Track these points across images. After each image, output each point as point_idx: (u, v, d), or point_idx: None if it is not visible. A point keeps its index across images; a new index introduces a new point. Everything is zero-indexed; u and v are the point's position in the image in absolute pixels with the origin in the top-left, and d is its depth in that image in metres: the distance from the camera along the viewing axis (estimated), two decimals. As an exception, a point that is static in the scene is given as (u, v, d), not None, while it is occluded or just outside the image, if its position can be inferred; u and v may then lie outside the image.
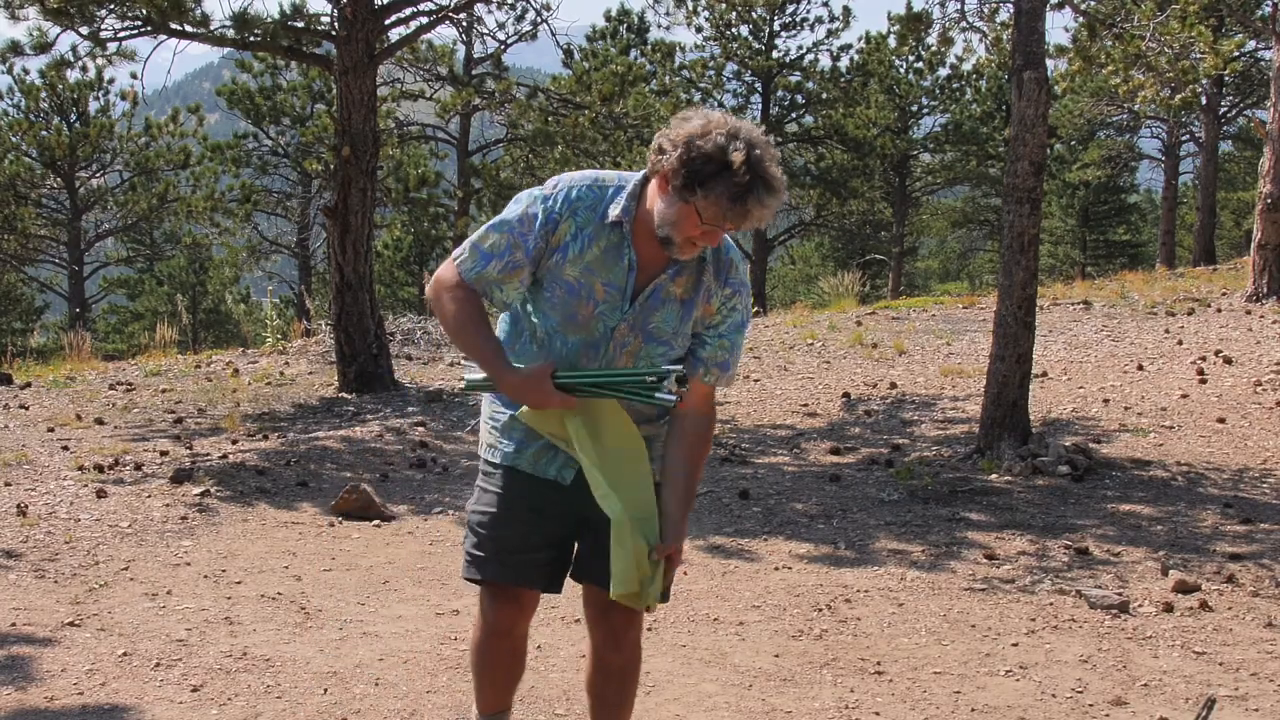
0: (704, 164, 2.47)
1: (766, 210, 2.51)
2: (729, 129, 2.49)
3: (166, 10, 8.96)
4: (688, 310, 2.72)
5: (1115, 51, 9.68)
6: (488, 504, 2.81)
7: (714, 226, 2.54)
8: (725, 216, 2.50)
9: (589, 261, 2.66)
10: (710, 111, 2.58)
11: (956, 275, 40.61)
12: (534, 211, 2.67)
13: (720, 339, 2.76)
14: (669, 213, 2.55)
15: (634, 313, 2.69)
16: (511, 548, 2.77)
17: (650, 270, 2.69)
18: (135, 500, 6.17)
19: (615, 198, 2.66)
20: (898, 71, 29.82)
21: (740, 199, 2.47)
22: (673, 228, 2.56)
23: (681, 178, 2.49)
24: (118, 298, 33.08)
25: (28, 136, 24.67)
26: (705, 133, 2.49)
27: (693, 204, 2.50)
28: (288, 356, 11.62)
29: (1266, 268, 12.69)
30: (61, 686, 3.84)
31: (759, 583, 4.98)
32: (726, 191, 2.47)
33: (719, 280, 2.73)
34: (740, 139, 2.48)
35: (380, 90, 13.13)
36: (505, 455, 2.79)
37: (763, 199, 2.48)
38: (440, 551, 5.53)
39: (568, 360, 2.70)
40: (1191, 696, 3.77)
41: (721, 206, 2.48)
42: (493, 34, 16.83)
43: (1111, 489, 6.41)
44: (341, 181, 9.60)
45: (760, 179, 2.47)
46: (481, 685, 2.97)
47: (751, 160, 2.46)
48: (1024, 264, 6.90)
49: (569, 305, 2.68)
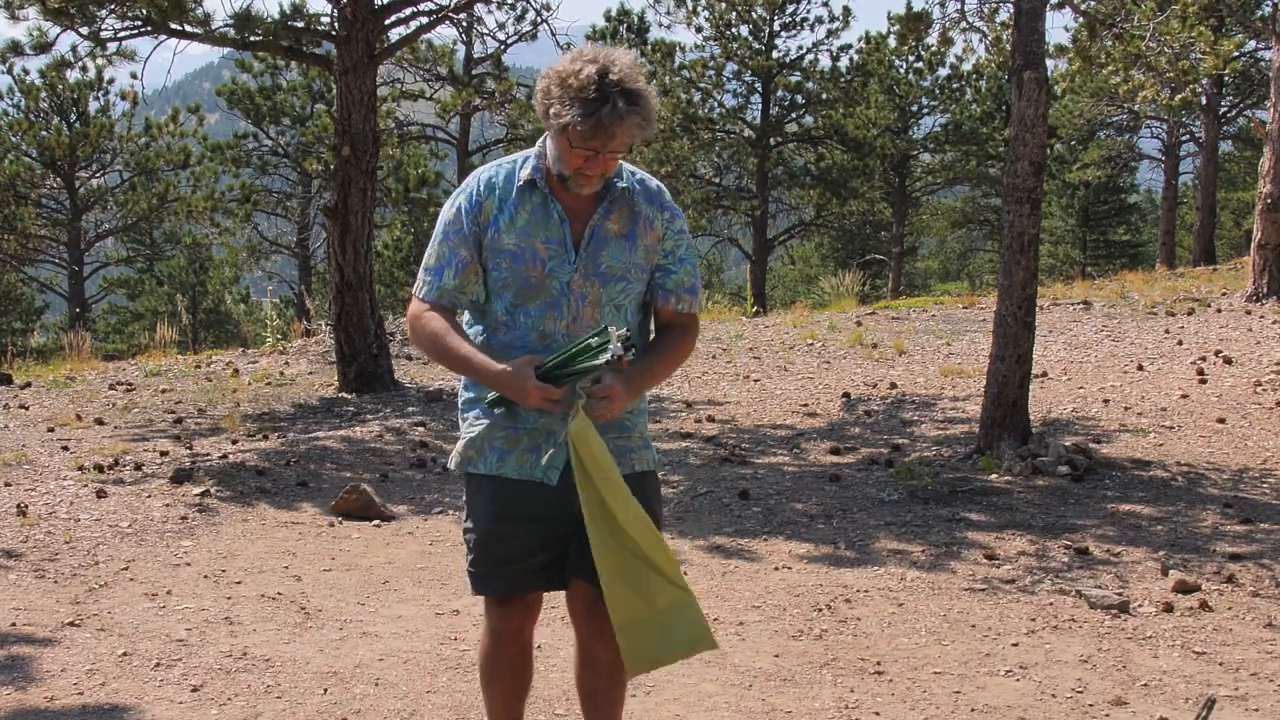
0: (560, 91, 2.58)
1: (625, 122, 2.56)
2: (587, 54, 2.59)
3: (167, 10, 8.96)
4: (632, 242, 2.79)
5: (1115, 51, 9.68)
6: (481, 519, 2.82)
7: (586, 149, 2.60)
8: (590, 135, 2.56)
9: (521, 226, 2.74)
10: (585, 46, 2.67)
11: (956, 275, 40.61)
12: (457, 205, 2.79)
13: (682, 264, 2.85)
14: (554, 149, 2.67)
15: (582, 260, 2.75)
16: (510, 558, 2.79)
17: (582, 216, 2.76)
18: (135, 500, 6.17)
19: (525, 163, 2.78)
20: (898, 71, 29.82)
21: (592, 113, 2.54)
22: (559, 162, 2.67)
23: (544, 108, 2.62)
24: (118, 298, 33.08)
25: (28, 136, 24.67)
26: (560, 64, 2.60)
27: (563, 132, 2.60)
28: (288, 356, 11.62)
29: (1266, 268, 12.69)
30: (61, 686, 3.84)
31: (759, 583, 4.98)
32: (580, 110, 2.54)
33: (654, 206, 2.81)
34: (594, 60, 2.57)
35: (380, 90, 13.14)
36: (490, 465, 2.81)
37: (621, 111, 2.55)
38: (440, 551, 5.53)
39: (535, 330, 2.74)
40: (1191, 696, 3.77)
41: (581, 126, 2.55)
42: (493, 34, 16.86)
43: (1111, 489, 6.41)
44: (341, 181, 9.60)
45: (614, 92, 2.54)
46: (493, 697, 2.97)
47: (603, 75, 2.55)
48: (1024, 264, 6.90)
49: (518, 272, 2.74)
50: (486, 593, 2.85)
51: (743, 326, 12.85)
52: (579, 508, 2.68)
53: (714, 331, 12.45)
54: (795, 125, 29.70)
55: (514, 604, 2.85)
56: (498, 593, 2.84)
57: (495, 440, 2.80)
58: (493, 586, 2.83)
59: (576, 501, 2.68)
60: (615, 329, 2.63)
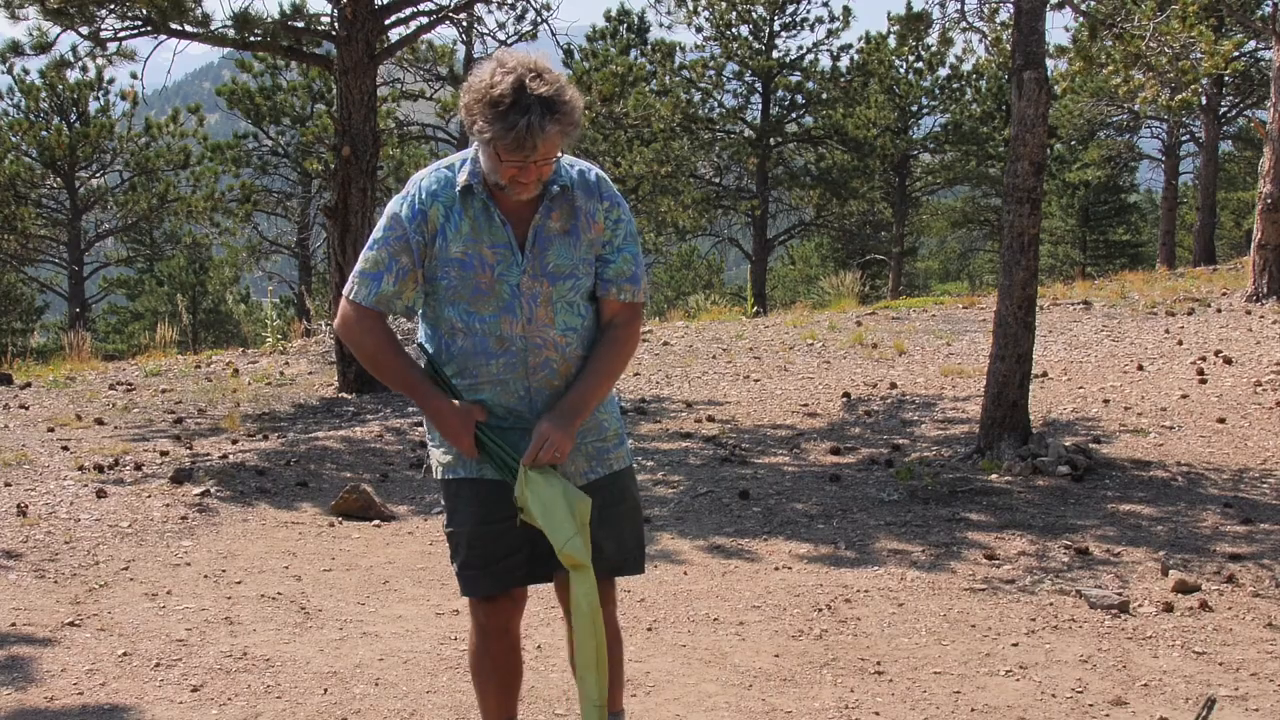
0: (479, 108, 2.53)
1: (546, 133, 2.52)
2: (505, 64, 2.53)
3: (166, 10, 8.97)
4: (574, 238, 2.77)
5: (1115, 51, 9.67)
6: (467, 521, 2.84)
7: (514, 161, 2.57)
8: (513, 146, 2.53)
9: (466, 234, 2.72)
10: (500, 53, 2.62)
11: (956, 275, 40.62)
12: (399, 213, 2.75)
13: (620, 253, 2.82)
14: (485, 161, 2.64)
15: (529, 261, 2.74)
16: (498, 556, 2.82)
17: (524, 217, 2.74)
18: (135, 500, 6.17)
19: (460, 169, 2.75)
20: (898, 71, 29.82)
21: (512, 128, 2.50)
22: (493, 174, 2.64)
23: (469, 123, 2.58)
24: (118, 298, 33.09)
25: (28, 136, 24.66)
26: (477, 78, 2.55)
27: (490, 147, 2.57)
28: (288, 356, 11.62)
29: (1266, 268, 12.69)
30: (61, 686, 3.84)
31: (759, 583, 4.98)
32: (501, 125, 2.51)
33: (593, 199, 2.79)
34: (512, 71, 2.51)
35: (380, 90, 13.13)
36: (470, 469, 2.83)
37: (537, 124, 2.49)
38: (440, 551, 5.53)
39: (493, 334, 2.74)
40: (1191, 696, 3.77)
41: (504, 139, 2.52)
42: (493, 34, 16.81)
43: (1111, 489, 6.41)
44: (341, 181, 9.60)
45: (532, 104, 2.49)
46: (486, 695, 2.98)
47: (520, 89, 2.50)
48: (1024, 264, 6.90)
49: (468, 280, 2.73)
50: (480, 593, 2.87)
51: (743, 326, 12.85)
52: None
53: (714, 331, 12.45)
54: (795, 125, 29.72)
55: (501, 600, 2.88)
56: (489, 591, 2.86)
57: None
58: (485, 586, 2.85)
59: None
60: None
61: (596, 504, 2.78)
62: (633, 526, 2.97)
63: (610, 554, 2.86)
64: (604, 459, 2.88)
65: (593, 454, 2.86)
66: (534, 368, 2.77)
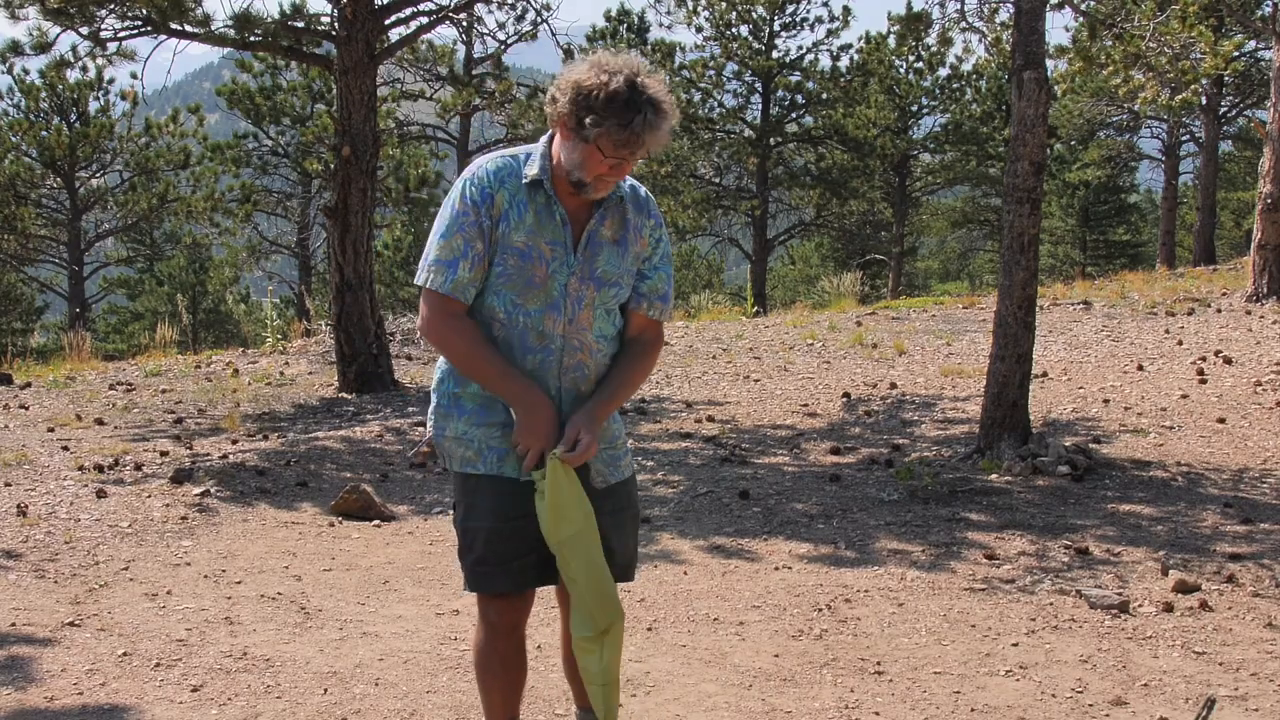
0: (591, 100, 2.61)
1: (658, 133, 2.65)
2: (608, 65, 2.64)
3: (167, 10, 8.97)
4: (623, 249, 2.85)
5: (1115, 51, 9.67)
6: (485, 517, 2.82)
7: (616, 158, 2.66)
8: (622, 144, 2.63)
9: (529, 225, 2.76)
10: (592, 55, 2.70)
11: (956, 275, 40.62)
12: (469, 197, 2.76)
13: (657, 271, 2.92)
14: (574, 156, 2.69)
15: (580, 263, 2.79)
16: (515, 555, 2.81)
17: (580, 220, 2.81)
18: (135, 500, 6.17)
19: (529, 160, 2.79)
20: (898, 71, 29.83)
21: (628, 124, 2.60)
22: (580, 169, 2.69)
23: (575, 119, 2.64)
24: (118, 298, 33.10)
25: (28, 136, 24.67)
26: (586, 73, 2.63)
27: (593, 142, 2.64)
28: (288, 357, 11.62)
29: (1266, 268, 12.69)
30: (61, 686, 3.84)
31: (759, 583, 4.98)
32: (616, 120, 2.60)
33: (642, 214, 2.89)
34: (619, 71, 2.62)
35: (380, 90, 13.13)
36: (490, 465, 2.82)
37: (651, 121, 2.62)
38: (440, 551, 5.53)
39: (535, 329, 2.78)
40: (1191, 696, 3.77)
41: (615, 136, 2.62)
42: (493, 34, 16.85)
43: (1111, 489, 6.41)
44: (341, 181, 9.60)
45: (646, 104, 2.61)
46: (490, 694, 2.98)
47: (634, 87, 2.61)
48: (1024, 264, 6.90)
49: (524, 271, 2.76)
50: (492, 590, 2.85)
51: (743, 326, 12.85)
52: None
53: (714, 331, 12.45)
54: (795, 125, 29.72)
55: (512, 599, 2.88)
56: (503, 589, 2.85)
57: (493, 441, 2.81)
58: (499, 583, 2.84)
59: None
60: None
61: (609, 509, 2.85)
62: (633, 534, 3.02)
63: (619, 558, 2.92)
64: (616, 465, 2.93)
65: (608, 461, 2.91)
66: (567, 368, 2.81)
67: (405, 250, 32.63)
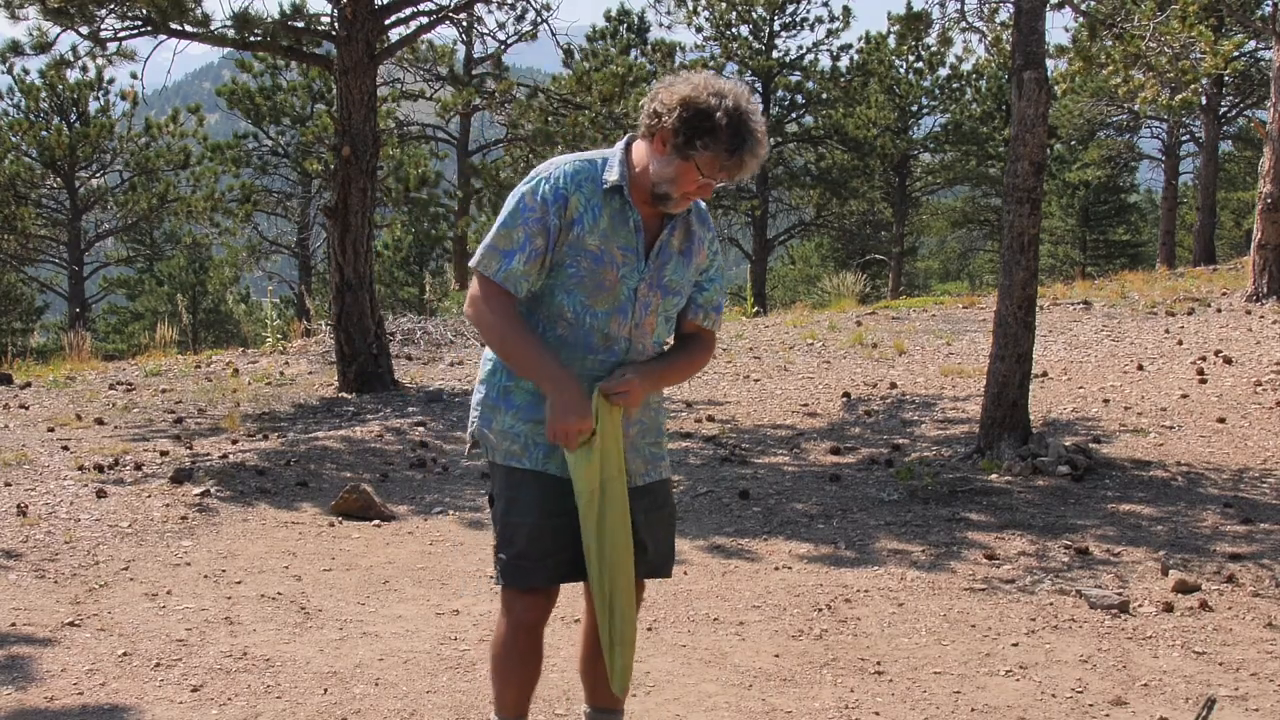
0: (700, 121, 2.66)
1: (756, 160, 2.73)
2: (717, 89, 2.69)
3: (166, 10, 8.96)
4: (688, 260, 2.92)
5: (1115, 51, 9.67)
6: (526, 513, 2.85)
7: (710, 179, 2.73)
8: (722, 168, 2.71)
9: (604, 229, 2.80)
10: (694, 74, 2.75)
11: (956, 275, 40.61)
12: (541, 194, 2.78)
13: (713, 284, 3.01)
14: (667, 170, 2.74)
15: (650, 271, 2.85)
16: (551, 552, 2.85)
17: (652, 229, 2.87)
18: (135, 500, 6.17)
19: (607, 165, 2.82)
20: (898, 71, 29.84)
21: (736, 150, 2.68)
22: (671, 184, 2.75)
23: (682, 136, 2.68)
24: (118, 298, 33.08)
25: (28, 136, 24.66)
26: (697, 93, 2.68)
27: (692, 160, 2.70)
28: (288, 356, 11.62)
29: (1266, 268, 12.69)
30: (61, 686, 3.84)
31: (759, 583, 4.98)
32: (724, 145, 2.67)
33: (704, 226, 2.98)
34: (728, 96, 2.68)
35: (380, 90, 13.13)
36: (535, 461, 2.85)
37: (755, 150, 2.71)
38: (440, 551, 5.53)
39: (601, 331, 2.83)
40: (1191, 696, 3.77)
41: (720, 160, 2.69)
42: (493, 34, 16.83)
43: (1111, 489, 6.41)
44: (341, 181, 9.60)
45: (750, 132, 2.69)
46: (506, 688, 2.99)
47: (742, 114, 2.67)
48: (1024, 264, 6.90)
49: (596, 274, 2.80)
50: (529, 584, 2.88)
51: (743, 326, 12.85)
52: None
53: (714, 331, 12.44)
54: (795, 125, 29.73)
55: (542, 595, 2.92)
56: (539, 584, 2.88)
57: (539, 437, 2.84)
58: (536, 578, 2.87)
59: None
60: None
61: (644, 506, 2.91)
62: (669, 533, 3.07)
63: (651, 555, 2.97)
64: (657, 465, 2.99)
65: (649, 458, 2.97)
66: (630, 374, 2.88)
67: (405, 250, 32.64)
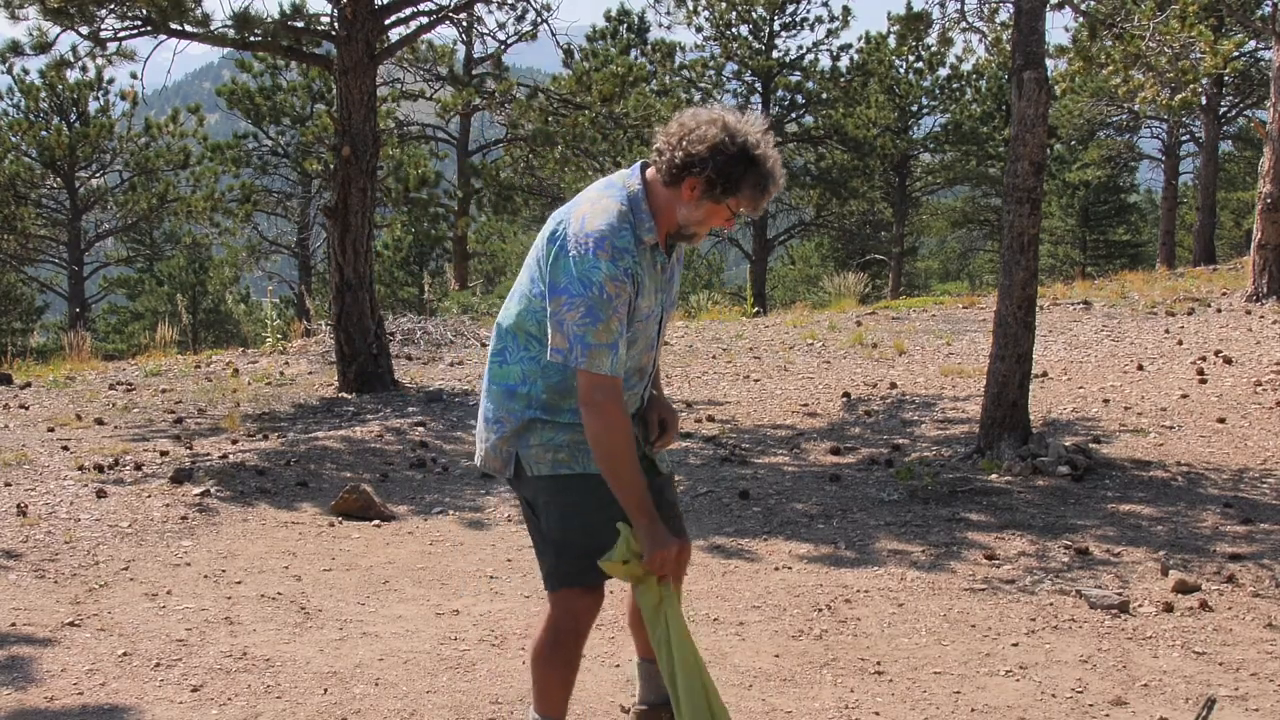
0: (735, 168, 2.75)
1: (778, 190, 2.87)
2: (740, 128, 2.75)
3: (167, 10, 8.96)
4: (680, 266, 3.08)
5: (1115, 51, 9.66)
6: (582, 512, 2.90)
7: (744, 213, 2.87)
8: (752, 205, 2.82)
9: (647, 286, 2.89)
10: (709, 112, 2.79)
11: (956, 275, 40.59)
12: (620, 281, 2.77)
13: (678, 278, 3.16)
14: (697, 214, 2.83)
15: (666, 297, 2.99)
16: (607, 546, 2.89)
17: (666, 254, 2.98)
18: (135, 500, 6.17)
19: (638, 222, 2.84)
20: (898, 71, 29.83)
21: (764, 189, 2.80)
22: (701, 225, 2.86)
23: (721, 186, 2.76)
24: (118, 298, 33.08)
25: (28, 136, 24.65)
26: (730, 140, 2.74)
27: (725, 203, 2.79)
28: (288, 356, 11.62)
29: (1266, 268, 12.69)
30: (61, 686, 3.84)
31: (759, 583, 4.98)
32: (758, 186, 2.78)
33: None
34: (752, 137, 2.76)
35: (380, 90, 13.14)
36: (583, 464, 2.91)
37: (778, 183, 2.82)
38: (440, 551, 5.53)
39: (636, 368, 2.97)
40: (1191, 696, 3.77)
41: (753, 200, 2.81)
42: (493, 34, 16.85)
43: (1111, 489, 6.41)
44: (341, 181, 9.60)
45: (772, 171, 2.79)
46: (561, 688, 3.04)
47: (765, 155, 2.77)
48: (1024, 264, 6.90)
49: (645, 329, 2.93)
50: (590, 583, 2.93)
51: (743, 326, 12.85)
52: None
53: (714, 331, 12.45)
54: (795, 125, 29.72)
55: (600, 593, 2.98)
56: (599, 582, 2.95)
57: (580, 441, 2.88)
58: (594, 577, 2.92)
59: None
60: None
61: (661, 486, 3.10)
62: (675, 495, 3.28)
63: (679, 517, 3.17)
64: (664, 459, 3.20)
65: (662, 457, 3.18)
66: (648, 389, 3.08)
67: (405, 250, 32.64)
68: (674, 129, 2.77)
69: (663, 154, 2.78)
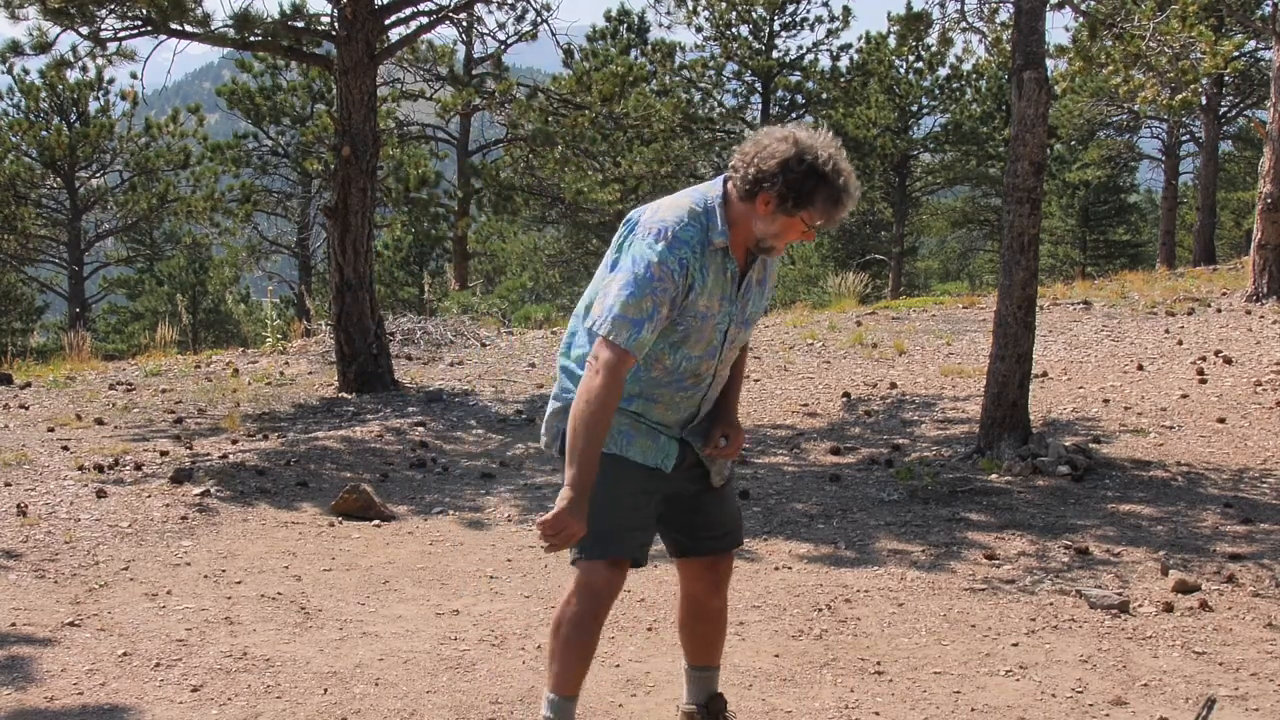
0: (806, 182, 2.83)
1: (854, 201, 2.93)
2: (812, 146, 2.84)
3: (167, 10, 8.96)
4: (764, 288, 3.12)
5: (1115, 51, 9.66)
6: (607, 491, 2.96)
7: (818, 227, 2.93)
8: (826, 218, 2.89)
9: (710, 287, 2.94)
10: (782, 129, 2.90)
11: (956, 275, 40.54)
12: (670, 266, 2.86)
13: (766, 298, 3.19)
14: (773, 228, 2.90)
15: (738, 311, 3.02)
16: (632, 526, 3.02)
17: (741, 268, 3.02)
18: (135, 500, 6.17)
19: (710, 225, 2.92)
20: (898, 71, 29.81)
21: (837, 202, 2.87)
22: (777, 238, 2.92)
23: (792, 199, 2.84)
24: (118, 298, 33.05)
25: (28, 136, 24.65)
26: (799, 156, 2.83)
27: (798, 216, 2.86)
28: (288, 356, 11.62)
29: (1266, 268, 12.69)
30: (61, 686, 3.84)
31: (759, 583, 4.98)
32: (830, 199, 2.86)
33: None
34: (826, 153, 2.85)
35: (380, 90, 13.13)
36: (620, 446, 3.00)
37: (853, 195, 2.89)
38: (440, 551, 5.53)
39: (693, 372, 3.01)
40: (1191, 696, 3.77)
41: (827, 213, 2.88)
42: (493, 34, 16.84)
43: (1111, 489, 6.41)
44: (341, 181, 9.59)
45: (848, 185, 2.87)
46: (577, 664, 3.08)
47: (839, 169, 2.85)
48: (1024, 264, 6.90)
49: (701, 330, 2.96)
50: (610, 554, 3.00)
51: (743, 326, 12.83)
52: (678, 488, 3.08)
53: (714, 331, 12.43)
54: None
55: (622, 569, 3.04)
56: (619, 554, 3.01)
57: (622, 425, 2.99)
58: (615, 548, 3.00)
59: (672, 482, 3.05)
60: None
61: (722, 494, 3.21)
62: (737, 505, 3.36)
63: (732, 529, 3.24)
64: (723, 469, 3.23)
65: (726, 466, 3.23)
66: (709, 399, 3.10)
67: (405, 250, 32.61)
68: (748, 147, 2.88)
69: (738, 170, 2.88)
